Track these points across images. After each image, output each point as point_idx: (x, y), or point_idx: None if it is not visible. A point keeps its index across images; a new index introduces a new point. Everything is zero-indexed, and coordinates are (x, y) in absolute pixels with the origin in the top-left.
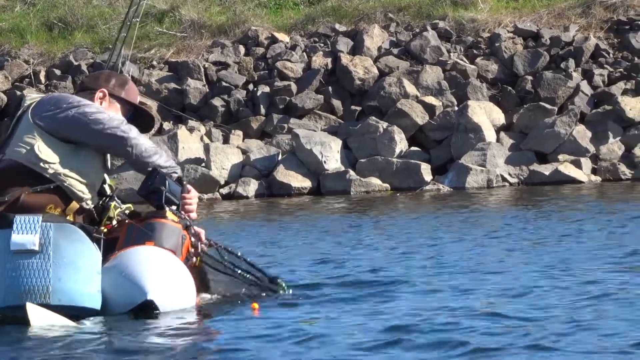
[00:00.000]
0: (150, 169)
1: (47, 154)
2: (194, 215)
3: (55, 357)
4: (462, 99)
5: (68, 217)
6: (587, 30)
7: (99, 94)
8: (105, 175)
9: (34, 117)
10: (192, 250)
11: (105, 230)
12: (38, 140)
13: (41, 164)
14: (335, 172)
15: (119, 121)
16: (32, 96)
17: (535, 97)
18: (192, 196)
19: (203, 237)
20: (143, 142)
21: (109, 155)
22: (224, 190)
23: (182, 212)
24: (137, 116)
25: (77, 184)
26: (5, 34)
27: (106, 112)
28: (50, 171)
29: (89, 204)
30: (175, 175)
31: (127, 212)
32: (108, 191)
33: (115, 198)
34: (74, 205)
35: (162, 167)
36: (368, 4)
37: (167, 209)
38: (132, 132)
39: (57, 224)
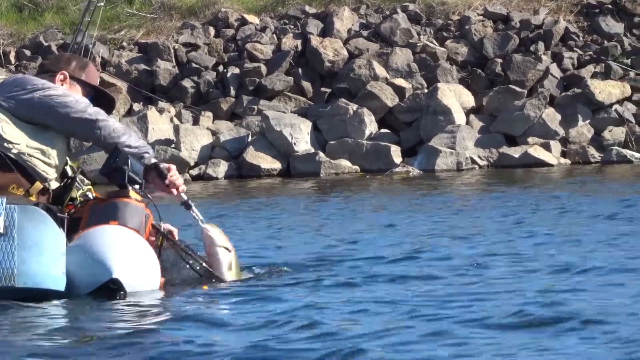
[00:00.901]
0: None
1: (11, 135)
2: (183, 187)
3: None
4: (431, 81)
5: (31, 198)
6: (557, 14)
7: (59, 77)
8: (67, 157)
9: None
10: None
11: (68, 211)
12: (2, 121)
13: (5, 144)
14: (305, 153)
15: (85, 104)
16: None
17: (504, 80)
18: (174, 172)
19: (175, 236)
20: (111, 123)
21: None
22: (194, 172)
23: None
24: (98, 98)
25: (41, 164)
26: None
27: (72, 95)
28: (15, 151)
29: (53, 185)
30: (147, 155)
31: (88, 192)
32: (70, 172)
33: (77, 179)
34: (38, 185)
35: (132, 147)
36: None
37: (130, 188)
38: (99, 114)
39: (21, 205)
